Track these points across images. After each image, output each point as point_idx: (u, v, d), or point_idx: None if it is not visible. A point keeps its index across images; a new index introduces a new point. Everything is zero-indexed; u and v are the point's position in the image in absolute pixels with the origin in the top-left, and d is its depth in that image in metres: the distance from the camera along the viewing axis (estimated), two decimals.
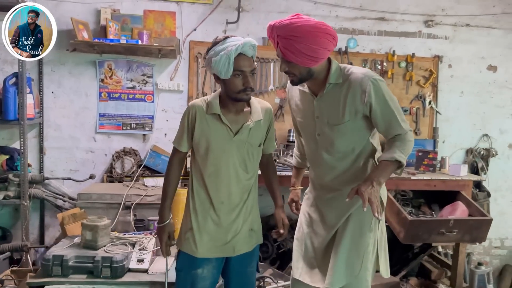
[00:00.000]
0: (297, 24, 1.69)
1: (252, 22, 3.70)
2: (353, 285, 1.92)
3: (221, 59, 1.75)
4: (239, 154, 1.90)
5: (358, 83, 1.77)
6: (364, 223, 1.92)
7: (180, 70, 3.63)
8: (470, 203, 3.19)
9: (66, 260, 2.21)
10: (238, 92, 1.82)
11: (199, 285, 1.90)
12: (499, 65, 4.08)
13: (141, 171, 3.47)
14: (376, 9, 3.86)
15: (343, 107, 1.81)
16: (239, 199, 1.92)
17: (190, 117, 1.90)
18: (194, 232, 1.89)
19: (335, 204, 1.95)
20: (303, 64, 1.74)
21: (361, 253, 1.91)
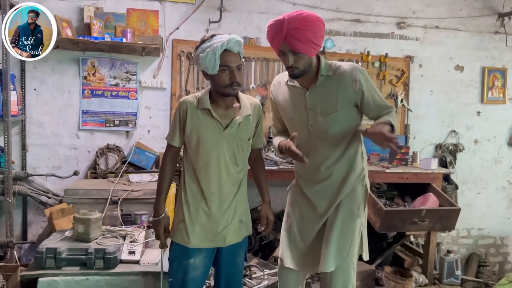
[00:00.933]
0: (305, 14, 1.87)
1: (234, 21, 3.81)
2: (343, 267, 2.08)
3: (208, 56, 1.85)
4: (229, 147, 1.99)
5: (348, 74, 1.96)
6: (353, 210, 2.07)
7: (163, 67, 3.70)
8: (440, 195, 3.42)
9: (60, 252, 2.26)
10: (225, 87, 1.91)
11: (191, 274, 1.99)
12: (466, 65, 4.35)
13: (125, 167, 3.51)
14: (352, 11, 4.04)
15: (336, 97, 1.97)
16: (230, 191, 2.01)
17: (182, 112, 1.98)
18: (187, 223, 1.98)
19: (325, 193, 2.09)
20: (309, 53, 1.89)
21: (349, 238, 2.06)
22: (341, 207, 2.08)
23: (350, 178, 2.07)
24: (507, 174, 4.55)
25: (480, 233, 4.56)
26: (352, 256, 2.10)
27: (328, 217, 2.11)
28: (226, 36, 1.90)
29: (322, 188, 2.12)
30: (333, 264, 2.05)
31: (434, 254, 3.69)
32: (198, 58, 1.91)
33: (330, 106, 1.99)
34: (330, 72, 1.99)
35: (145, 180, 3.33)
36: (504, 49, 4.41)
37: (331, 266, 2.05)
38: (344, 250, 2.07)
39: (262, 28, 3.86)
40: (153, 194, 3.05)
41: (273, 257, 3.23)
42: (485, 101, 4.41)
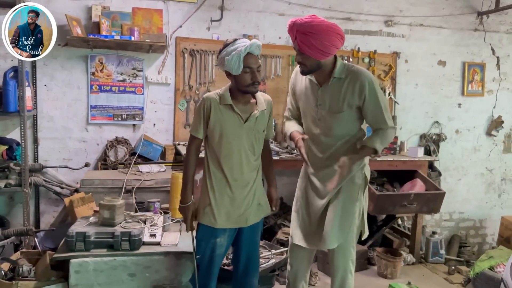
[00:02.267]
0: (315, 23, 2.09)
1: (234, 20, 4.03)
2: (344, 245, 2.36)
3: (233, 58, 2.09)
4: (248, 139, 2.24)
5: (358, 80, 2.18)
6: (353, 194, 2.34)
7: (167, 64, 3.89)
8: (426, 180, 3.73)
9: (88, 236, 2.46)
10: (248, 86, 2.16)
11: (217, 251, 2.25)
12: (448, 60, 4.67)
13: (134, 158, 3.71)
14: (343, 10, 4.30)
15: (343, 99, 2.22)
16: (250, 177, 2.26)
17: (206, 108, 2.20)
18: (213, 207, 2.22)
19: (327, 179, 2.35)
20: (315, 57, 2.13)
21: (349, 220, 2.33)
22: (342, 192, 2.34)
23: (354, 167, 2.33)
24: (485, 161, 4.92)
25: (461, 216, 4.93)
26: (352, 235, 2.38)
27: (330, 200, 2.37)
28: (247, 41, 2.14)
29: (325, 174, 2.37)
30: (336, 242, 2.32)
31: (421, 235, 4.02)
32: (223, 60, 2.13)
33: (337, 106, 2.24)
34: (343, 75, 2.22)
35: (154, 170, 3.54)
36: (483, 45, 4.74)
37: (333, 244, 2.32)
38: (345, 230, 2.33)
39: (260, 26, 4.09)
40: (164, 183, 3.33)
41: (275, 239, 3.49)
42: (466, 94, 4.74)
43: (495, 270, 3.40)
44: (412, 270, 3.79)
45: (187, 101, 3.96)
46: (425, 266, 3.97)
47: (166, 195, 3.31)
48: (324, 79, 2.26)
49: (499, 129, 4.87)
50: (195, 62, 3.94)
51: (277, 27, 4.14)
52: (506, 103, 4.89)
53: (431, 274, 3.78)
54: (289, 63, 4.15)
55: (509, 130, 4.93)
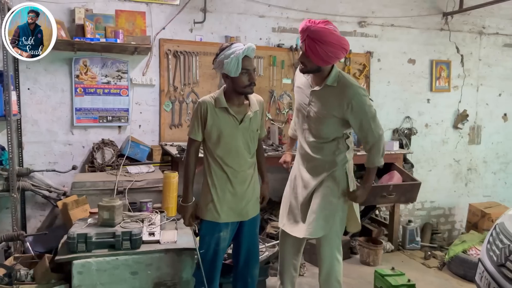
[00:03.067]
0: (327, 33, 2.24)
1: (216, 22, 4.12)
2: (329, 235, 2.54)
3: (232, 61, 2.21)
4: (244, 138, 2.37)
5: (347, 92, 2.34)
6: (334, 189, 2.50)
7: (151, 65, 3.94)
8: (402, 172, 3.97)
9: (90, 237, 2.50)
10: (245, 87, 2.29)
11: (221, 245, 2.38)
12: (417, 58, 4.94)
13: (121, 160, 3.74)
14: (320, 12, 4.47)
15: (329, 107, 2.38)
16: (248, 174, 2.40)
17: (202, 111, 2.31)
18: (215, 203, 2.34)
19: (312, 171, 2.52)
20: (316, 62, 2.29)
21: (332, 213, 2.50)
22: (323, 186, 2.52)
23: (332, 163, 2.49)
24: (453, 153, 5.24)
25: (432, 205, 5.23)
26: (336, 226, 2.55)
27: (315, 192, 2.53)
28: (241, 45, 2.27)
29: (311, 167, 2.55)
30: (321, 232, 2.48)
31: (398, 224, 4.27)
32: (222, 64, 2.24)
33: (324, 112, 2.41)
34: (335, 84, 2.38)
35: (144, 171, 3.59)
36: (448, 44, 5.05)
37: (318, 233, 2.49)
38: (329, 221, 2.50)
39: (242, 28, 4.20)
40: (155, 183, 3.40)
41: (265, 233, 3.63)
42: (434, 90, 5.04)
43: (468, 253, 3.69)
44: (391, 257, 4.02)
45: (172, 102, 4.02)
46: (403, 253, 4.23)
47: (157, 195, 3.37)
48: (318, 83, 2.43)
49: (465, 122, 5.20)
50: (179, 63, 4.00)
51: (257, 28, 4.26)
52: (470, 98, 5.23)
53: (409, 260, 4.03)
54: (270, 63, 4.29)
55: (474, 123, 5.27)
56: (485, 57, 5.23)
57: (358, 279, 3.53)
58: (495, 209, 4.72)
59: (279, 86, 4.35)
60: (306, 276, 3.50)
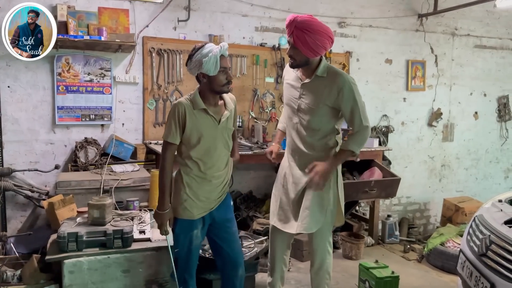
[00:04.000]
0: (313, 22, 2.33)
1: (199, 20, 4.13)
2: (321, 229, 2.60)
3: (210, 59, 2.21)
4: (223, 137, 2.39)
5: (337, 81, 2.41)
6: (327, 187, 2.56)
7: (134, 63, 3.91)
8: (382, 168, 4.10)
9: (81, 236, 2.49)
10: (223, 86, 2.30)
11: (194, 243, 2.38)
12: (394, 58, 5.10)
13: (105, 159, 3.70)
14: (301, 12, 4.51)
15: (320, 97, 2.44)
16: (225, 170, 2.44)
17: (180, 114, 2.27)
18: (190, 201, 2.33)
19: (303, 167, 2.57)
20: (305, 53, 2.36)
21: (325, 205, 2.56)
22: None
23: (324, 159, 2.56)
24: (427, 150, 5.44)
25: (408, 201, 5.41)
26: (328, 220, 2.61)
27: (306, 188, 2.59)
28: (213, 44, 2.27)
29: (302, 163, 2.60)
30: (314, 227, 2.55)
31: (378, 219, 4.40)
32: (200, 63, 2.22)
33: (315, 102, 2.47)
34: (324, 74, 2.45)
35: (129, 170, 3.56)
36: (423, 44, 5.23)
37: (313, 229, 2.55)
38: (321, 216, 2.56)
39: (225, 27, 4.23)
40: (141, 182, 3.39)
41: (252, 230, 3.67)
42: (410, 89, 5.21)
43: (445, 245, 3.84)
44: (372, 251, 4.15)
45: (156, 100, 4.01)
46: (383, 246, 4.36)
47: (144, 194, 3.36)
48: (308, 75, 2.49)
49: (439, 120, 5.40)
50: (162, 61, 3.99)
51: (241, 27, 4.30)
52: (443, 97, 5.43)
53: (389, 254, 4.16)
54: (254, 62, 4.33)
55: (447, 121, 5.48)
56: (458, 58, 5.45)
57: (342, 272, 3.63)
58: (468, 203, 4.94)
59: (262, 85, 4.41)
60: (291, 271, 3.57)
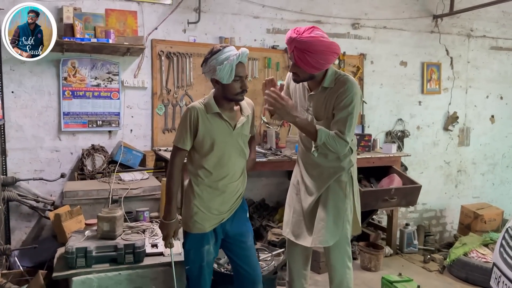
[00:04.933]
0: (314, 42, 2.12)
1: (209, 22, 3.98)
2: (339, 242, 2.42)
3: (225, 68, 2.06)
4: (238, 144, 2.23)
5: (340, 89, 2.24)
6: (340, 192, 2.39)
7: (143, 67, 3.77)
8: (402, 175, 3.93)
9: (90, 251, 2.33)
10: (236, 94, 2.15)
11: (206, 259, 2.22)
12: (408, 61, 4.94)
13: (112, 167, 3.55)
14: (314, 13, 4.40)
15: (325, 108, 2.29)
16: (240, 179, 2.28)
17: (193, 118, 2.12)
18: (201, 213, 2.18)
19: (317, 178, 2.41)
20: (308, 71, 2.21)
21: (342, 217, 2.39)
22: (330, 191, 2.40)
23: (338, 168, 2.39)
24: (443, 155, 5.27)
25: (424, 208, 5.24)
26: (346, 232, 2.43)
27: (320, 198, 2.42)
28: (233, 48, 2.11)
29: (316, 174, 2.43)
30: (331, 240, 2.38)
31: (397, 228, 4.22)
32: (214, 69, 2.07)
33: (321, 114, 2.32)
34: (332, 85, 2.27)
35: (138, 178, 3.41)
36: (438, 46, 5.07)
37: (329, 242, 2.37)
38: (338, 228, 2.39)
39: (236, 29, 4.08)
40: (152, 191, 3.24)
41: (267, 241, 3.50)
42: (425, 92, 5.05)
43: (469, 255, 3.66)
44: (391, 262, 3.97)
45: (165, 105, 3.86)
46: (402, 256, 4.18)
47: (154, 203, 3.21)
48: (315, 86, 2.34)
49: (455, 124, 5.23)
50: (172, 65, 3.84)
51: (252, 29, 4.15)
52: (459, 100, 5.27)
53: (409, 264, 3.99)
54: (265, 65, 4.18)
55: (463, 125, 5.32)
56: (473, 60, 5.29)
57: (361, 285, 3.46)
58: (487, 210, 4.76)
59: None
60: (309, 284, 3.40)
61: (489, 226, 4.65)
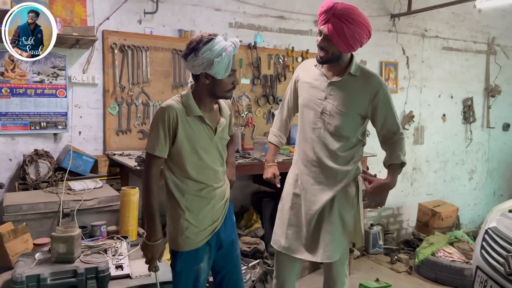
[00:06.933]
0: (356, 12, 2.01)
1: (168, 13, 3.65)
2: (343, 255, 2.27)
3: (224, 60, 1.79)
4: (217, 150, 1.99)
5: (373, 82, 2.12)
6: (347, 204, 2.25)
7: (93, 61, 3.36)
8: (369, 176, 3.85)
9: (44, 278, 1.95)
10: (228, 91, 1.92)
11: (201, 279, 1.97)
12: (368, 59, 4.90)
13: (60, 174, 3.12)
14: (276, 8, 4.21)
15: (353, 98, 2.12)
16: (224, 185, 2.05)
17: (171, 120, 1.84)
18: (193, 228, 1.92)
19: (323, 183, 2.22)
20: (340, 47, 2.02)
21: (347, 229, 2.24)
22: (336, 202, 2.24)
23: (347, 174, 2.24)
24: None
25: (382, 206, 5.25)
26: (347, 243, 2.32)
27: (325, 209, 2.24)
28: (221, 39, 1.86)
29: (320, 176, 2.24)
30: (338, 254, 2.22)
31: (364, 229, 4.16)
32: (210, 62, 1.79)
33: (346, 104, 2.13)
34: (357, 73, 2.14)
35: (90, 187, 3.01)
36: (395, 46, 5.10)
37: (336, 256, 2.22)
38: (345, 241, 2.25)
39: (196, 21, 3.79)
40: (108, 202, 2.90)
41: None
42: None
43: (436, 255, 3.67)
44: (360, 264, 3.90)
45: (119, 104, 3.47)
46: (368, 258, 4.13)
47: (111, 216, 2.85)
48: (337, 73, 2.16)
49: (411, 123, 5.30)
50: (126, 59, 3.47)
51: (213, 22, 3.87)
52: (414, 99, 5.34)
53: (377, 266, 3.94)
54: None
55: (418, 124, 5.40)
56: (427, 59, 5.38)
57: None
58: (443, 207, 4.87)
59: (238, 87, 3.98)
60: None
61: (445, 223, 4.75)
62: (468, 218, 5.85)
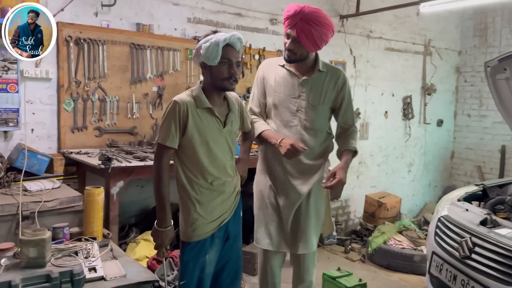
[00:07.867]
0: (321, 15, 2.11)
1: (125, 6, 3.54)
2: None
3: (210, 46, 1.90)
4: (227, 143, 2.07)
5: (338, 76, 2.27)
6: (321, 196, 2.37)
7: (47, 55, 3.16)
8: None
9: (16, 285, 1.84)
10: (223, 80, 1.97)
11: (207, 270, 2.03)
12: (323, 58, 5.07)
13: (12, 175, 2.93)
14: (234, 5, 4.23)
15: (324, 92, 2.24)
16: (234, 178, 2.12)
17: (182, 113, 1.93)
18: (202, 219, 1.99)
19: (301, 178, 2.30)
20: (307, 48, 2.12)
21: (321, 219, 2.36)
22: (312, 194, 2.35)
23: (321, 167, 2.36)
24: None
25: None
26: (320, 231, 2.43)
27: (302, 203, 2.33)
28: (224, 34, 1.97)
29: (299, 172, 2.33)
30: (316, 244, 2.34)
31: None
32: (200, 48, 1.92)
33: (318, 99, 2.25)
34: (325, 69, 2.26)
35: (48, 188, 2.86)
36: (344, 46, 5.33)
37: (314, 246, 2.33)
38: (319, 230, 2.37)
39: (155, 15, 3.71)
40: (70, 203, 2.80)
41: None
42: None
43: (388, 244, 3.92)
44: None
45: (75, 100, 3.32)
46: (324, 248, 4.31)
47: (73, 217, 2.73)
48: (305, 71, 2.27)
49: (357, 120, 5.57)
50: (82, 53, 3.32)
51: (172, 17, 3.81)
52: (360, 97, 5.62)
53: (333, 256, 4.12)
54: (187, 57, 3.88)
55: (363, 120, 5.69)
56: (372, 59, 5.68)
57: None
58: (387, 198, 5.19)
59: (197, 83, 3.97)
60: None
61: (390, 213, 5.07)
62: (408, 208, 6.27)
